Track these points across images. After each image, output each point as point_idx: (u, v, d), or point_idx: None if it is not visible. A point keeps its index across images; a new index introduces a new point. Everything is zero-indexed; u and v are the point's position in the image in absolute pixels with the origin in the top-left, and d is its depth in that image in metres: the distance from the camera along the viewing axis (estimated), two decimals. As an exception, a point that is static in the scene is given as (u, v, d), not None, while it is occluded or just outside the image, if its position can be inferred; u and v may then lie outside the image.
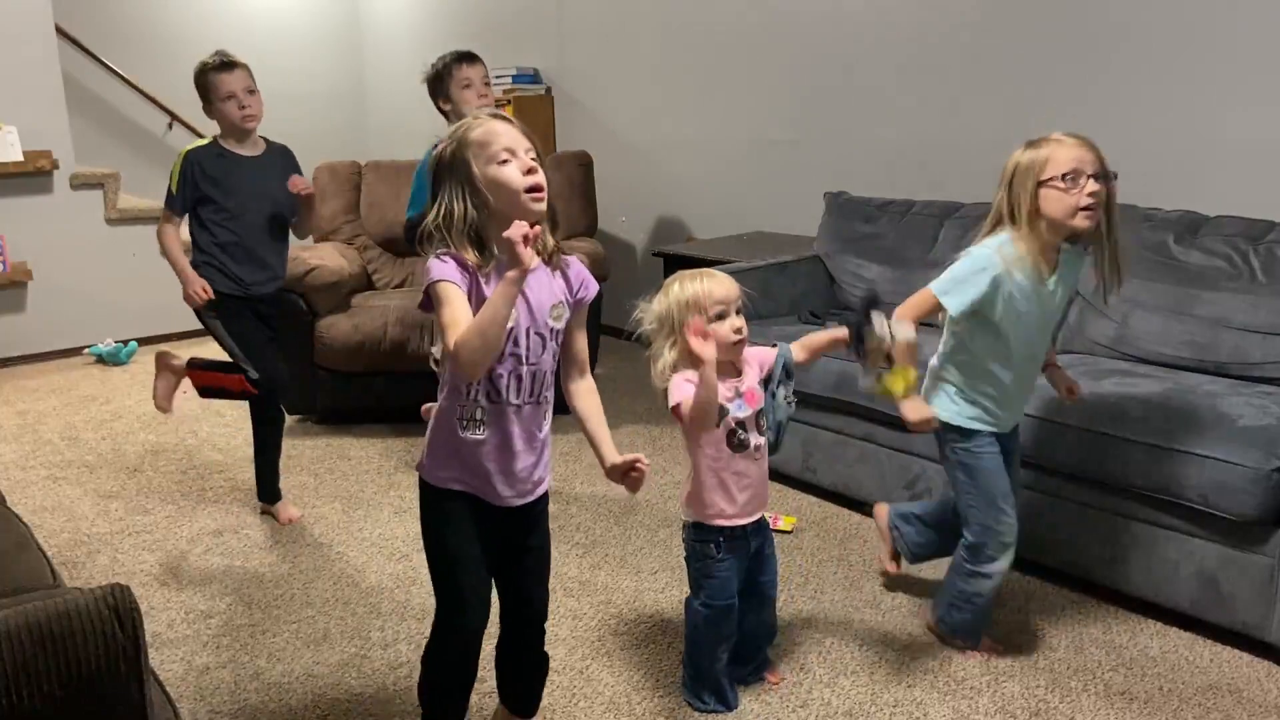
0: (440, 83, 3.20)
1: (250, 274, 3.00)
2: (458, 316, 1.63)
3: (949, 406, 2.30)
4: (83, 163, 5.40)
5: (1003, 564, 2.30)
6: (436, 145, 3.23)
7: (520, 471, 1.80)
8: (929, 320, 2.25)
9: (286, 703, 2.26)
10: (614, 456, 1.82)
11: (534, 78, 5.57)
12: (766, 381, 2.16)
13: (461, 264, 1.67)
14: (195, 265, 2.97)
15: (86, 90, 6.03)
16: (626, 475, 1.82)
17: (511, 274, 1.59)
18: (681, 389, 2.02)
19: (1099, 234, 2.14)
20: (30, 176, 5.09)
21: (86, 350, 5.28)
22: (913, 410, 2.22)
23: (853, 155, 4.23)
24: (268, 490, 3.25)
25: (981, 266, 2.14)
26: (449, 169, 1.68)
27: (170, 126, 6.31)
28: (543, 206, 1.68)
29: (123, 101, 6.24)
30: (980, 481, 2.28)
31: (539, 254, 1.72)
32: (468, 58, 3.21)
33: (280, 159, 3.06)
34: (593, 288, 1.84)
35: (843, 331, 2.17)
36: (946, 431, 2.31)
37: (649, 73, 5.10)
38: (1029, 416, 2.52)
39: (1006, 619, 2.52)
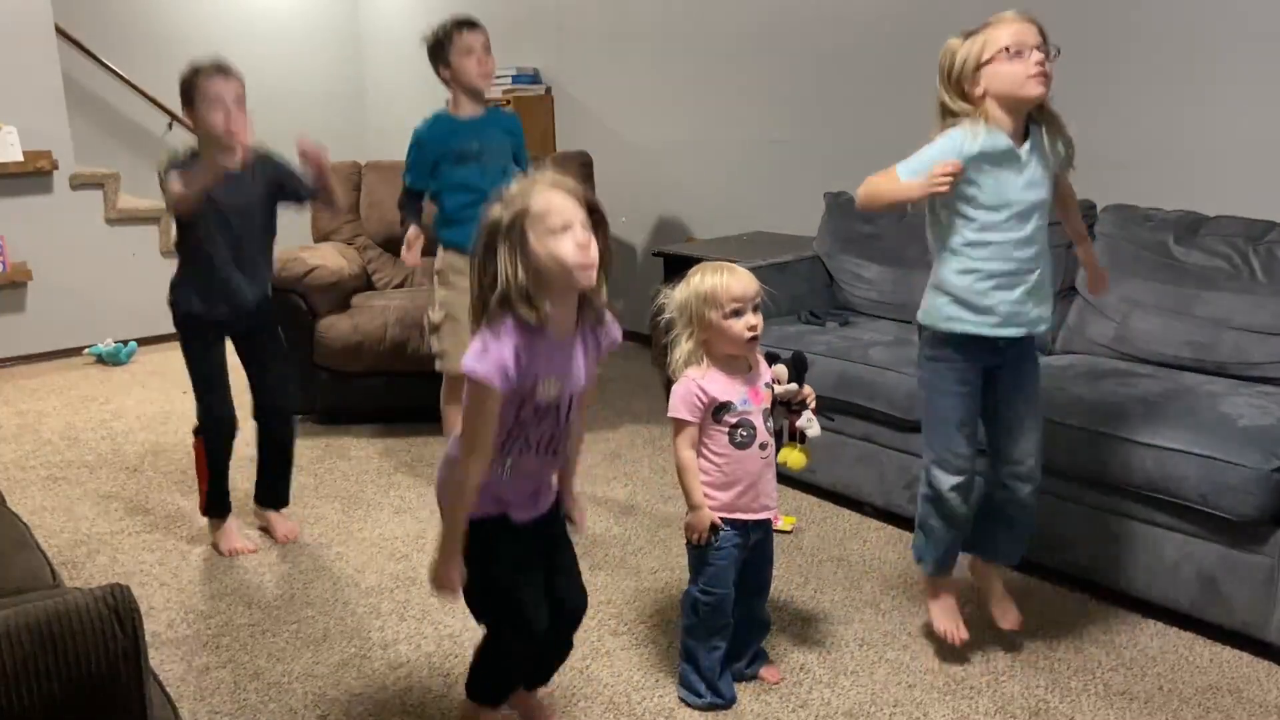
0: (441, 50, 3.16)
1: (229, 295, 2.82)
2: (482, 433, 1.72)
3: (925, 304, 2.23)
4: (83, 163, 5.39)
5: (947, 483, 2.22)
6: (436, 118, 3.24)
7: (539, 499, 1.91)
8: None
9: (286, 703, 2.26)
10: (570, 497, 1.98)
11: (534, 78, 5.57)
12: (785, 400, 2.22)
13: (517, 331, 1.70)
14: (175, 284, 2.85)
15: (86, 90, 6.03)
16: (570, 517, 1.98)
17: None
18: (686, 403, 2.08)
19: (1046, 113, 2.10)
20: (30, 176, 5.09)
21: (86, 350, 5.27)
22: None
23: (853, 155, 4.22)
24: (267, 494, 3.12)
25: (945, 148, 2.09)
26: (505, 235, 1.70)
27: (170, 126, 6.29)
28: (591, 278, 1.73)
29: (123, 101, 6.23)
30: (933, 401, 2.22)
31: (584, 322, 1.82)
32: (469, 24, 3.16)
33: (260, 168, 2.80)
34: (617, 337, 1.92)
35: (780, 368, 2.23)
36: (920, 336, 2.24)
37: (649, 73, 5.09)
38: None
39: (1006, 619, 2.52)
